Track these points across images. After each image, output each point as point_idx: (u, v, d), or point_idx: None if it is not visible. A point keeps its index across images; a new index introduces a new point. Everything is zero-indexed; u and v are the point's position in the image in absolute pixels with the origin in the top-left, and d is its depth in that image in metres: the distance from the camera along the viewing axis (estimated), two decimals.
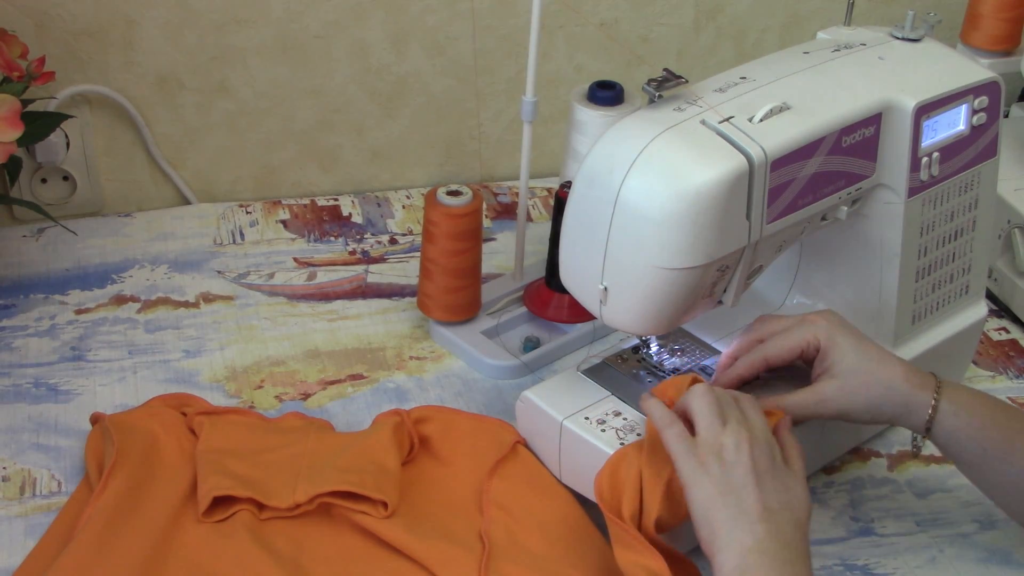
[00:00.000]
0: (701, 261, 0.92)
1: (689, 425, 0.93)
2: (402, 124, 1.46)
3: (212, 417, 1.07)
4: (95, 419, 1.08)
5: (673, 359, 1.08)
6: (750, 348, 1.02)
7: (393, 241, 1.38)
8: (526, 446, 1.07)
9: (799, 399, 0.99)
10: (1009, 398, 1.20)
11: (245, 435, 1.06)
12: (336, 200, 1.45)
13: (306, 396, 1.15)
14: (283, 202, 1.43)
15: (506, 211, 1.45)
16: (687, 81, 0.95)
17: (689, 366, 1.08)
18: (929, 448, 1.13)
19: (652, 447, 0.95)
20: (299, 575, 0.95)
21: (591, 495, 0.98)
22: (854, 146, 0.99)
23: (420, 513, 1.01)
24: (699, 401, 0.92)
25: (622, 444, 0.98)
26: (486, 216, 1.42)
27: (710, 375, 1.06)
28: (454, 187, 1.18)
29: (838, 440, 1.10)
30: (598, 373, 1.06)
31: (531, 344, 1.21)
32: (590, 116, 1.21)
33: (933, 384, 0.97)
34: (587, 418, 1.01)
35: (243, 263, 1.33)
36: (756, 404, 0.94)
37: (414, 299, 1.27)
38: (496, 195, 1.48)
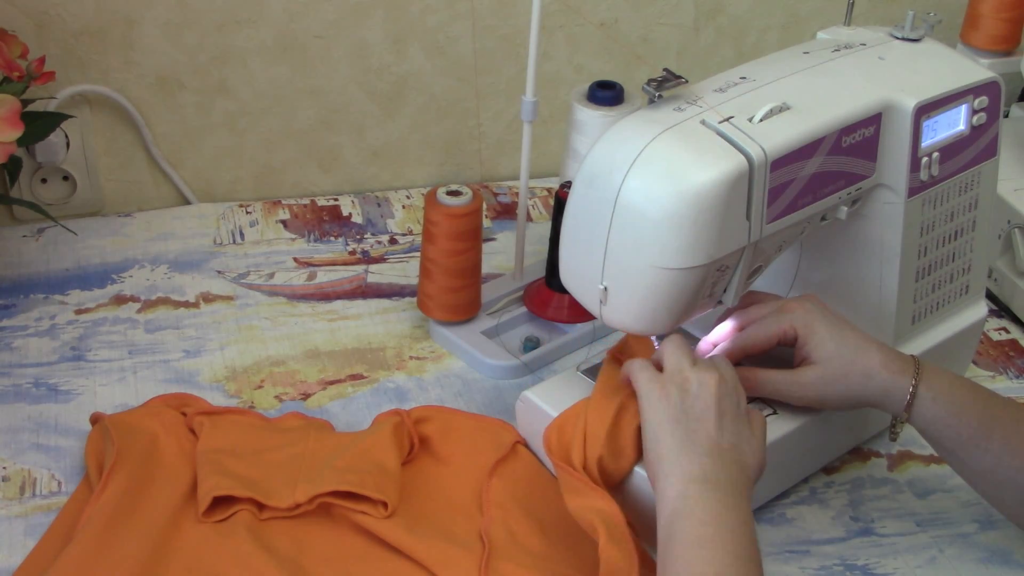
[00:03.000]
0: (701, 261, 0.92)
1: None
2: (402, 124, 1.46)
3: (212, 417, 1.07)
4: (95, 419, 1.08)
5: None
6: (726, 338, 1.04)
7: (393, 241, 1.38)
8: (526, 446, 1.07)
9: (774, 377, 1.01)
10: (1009, 398, 1.20)
11: (245, 435, 1.06)
12: (336, 200, 1.45)
13: (306, 396, 1.15)
14: (283, 202, 1.43)
15: (506, 211, 1.45)
16: (687, 81, 0.95)
17: None
18: (924, 448, 1.13)
19: (599, 396, 0.99)
20: (299, 575, 0.95)
21: None
22: (854, 146, 0.99)
23: (420, 513, 1.01)
24: (670, 345, 0.95)
25: None
26: (486, 216, 1.42)
27: None
28: (454, 187, 1.18)
29: (838, 440, 1.10)
30: (598, 373, 1.06)
31: (531, 344, 1.21)
32: (590, 116, 1.21)
33: (912, 369, 0.97)
34: None
35: (243, 263, 1.33)
36: (731, 365, 0.96)
37: (414, 299, 1.27)
38: (496, 195, 1.48)
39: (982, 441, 0.96)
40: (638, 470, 0.97)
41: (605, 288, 0.96)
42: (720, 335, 1.04)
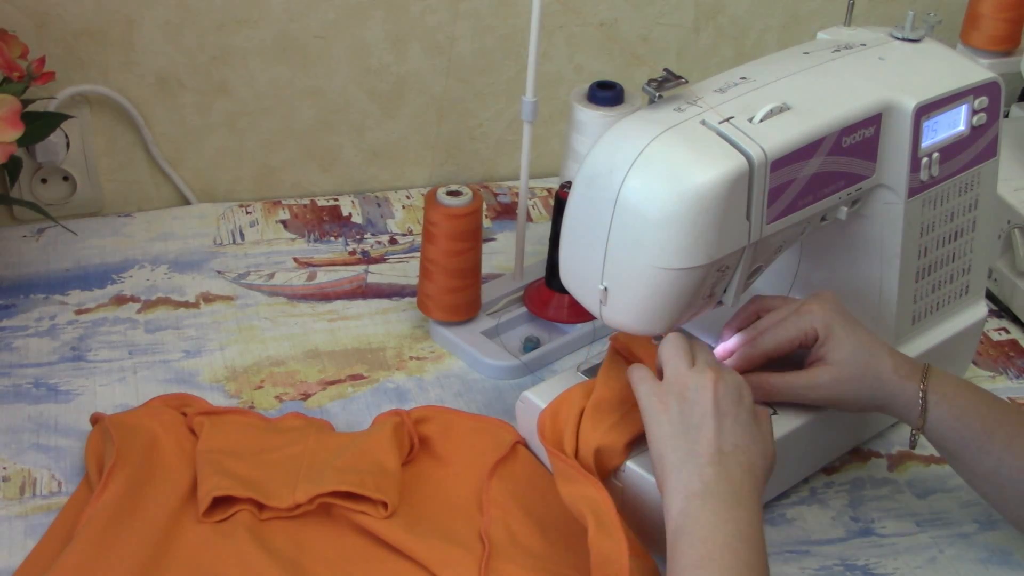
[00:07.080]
0: (701, 261, 0.92)
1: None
2: (402, 124, 1.46)
3: (212, 417, 1.07)
4: (95, 419, 1.08)
5: None
6: (747, 342, 1.02)
7: (393, 241, 1.38)
8: (526, 446, 1.07)
9: (788, 380, 1.01)
10: (1009, 398, 1.20)
11: (245, 435, 1.06)
12: (336, 200, 1.45)
13: (306, 396, 1.15)
14: (283, 202, 1.43)
15: (506, 211, 1.45)
16: (687, 81, 0.95)
17: None
18: (924, 449, 1.13)
19: (603, 387, 0.99)
20: (299, 575, 0.95)
21: None
22: (854, 146, 0.99)
23: (420, 513, 1.01)
24: (668, 346, 0.94)
25: None
26: (486, 216, 1.42)
27: None
28: (454, 187, 1.18)
29: (838, 440, 1.10)
30: (598, 372, 1.06)
31: (531, 344, 1.21)
32: (590, 116, 1.21)
33: (920, 375, 0.98)
34: None
35: (243, 263, 1.33)
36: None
37: (414, 299, 1.27)
38: (496, 195, 1.48)
39: (984, 443, 0.96)
40: (629, 464, 0.98)
41: (605, 288, 0.96)
42: (735, 343, 1.03)
